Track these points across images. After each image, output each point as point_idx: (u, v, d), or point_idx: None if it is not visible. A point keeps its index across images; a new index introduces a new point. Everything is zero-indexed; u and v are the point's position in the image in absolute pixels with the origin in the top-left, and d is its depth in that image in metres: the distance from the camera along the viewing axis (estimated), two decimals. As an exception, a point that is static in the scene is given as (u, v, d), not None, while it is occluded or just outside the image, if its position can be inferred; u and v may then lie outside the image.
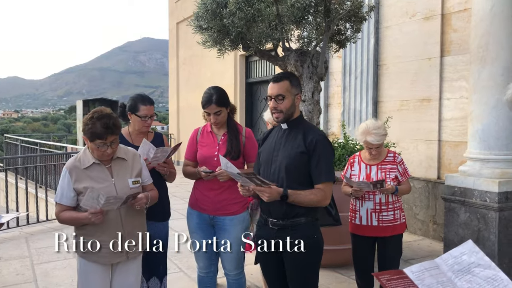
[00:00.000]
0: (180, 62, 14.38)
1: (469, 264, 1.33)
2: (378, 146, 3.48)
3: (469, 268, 1.33)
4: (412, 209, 6.26)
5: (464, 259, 1.35)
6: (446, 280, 1.32)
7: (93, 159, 2.69)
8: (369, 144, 3.47)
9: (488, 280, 1.27)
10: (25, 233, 6.39)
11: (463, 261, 1.34)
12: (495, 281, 1.27)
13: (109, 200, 2.51)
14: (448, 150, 5.88)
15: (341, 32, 5.26)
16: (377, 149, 3.50)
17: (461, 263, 1.34)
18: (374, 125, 3.47)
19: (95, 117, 2.60)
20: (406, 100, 6.41)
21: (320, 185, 2.54)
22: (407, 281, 1.32)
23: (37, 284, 4.49)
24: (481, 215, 4.48)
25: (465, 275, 1.31)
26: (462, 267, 1.33)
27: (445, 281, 1.31)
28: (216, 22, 4.47)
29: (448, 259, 1.37)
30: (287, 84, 2.60)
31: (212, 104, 3.04)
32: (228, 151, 3.04)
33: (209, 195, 3.12)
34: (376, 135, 3.43)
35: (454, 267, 1.34)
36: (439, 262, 1.38)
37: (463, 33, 5.61)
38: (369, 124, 3.50)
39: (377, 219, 3.49)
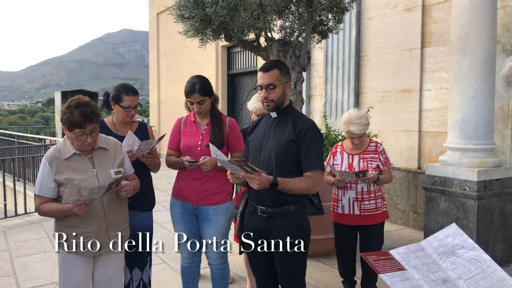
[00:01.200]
0: (161, 53, 14.22)
1: (453, 246, 1.36)
2: (360, 135, 3.51)
3: (453, 250, 1.35)
4: (393, 199, 6.34)
5: (448, 242, 1.37)
6: (431, 261, 1.34)
7: (74, 149, 2.63)
8: (352, 134, 3.49)
9: (472, 261, 1.31)
10: (3, 227, 6.26)
11: (447, 244, 1.37)
12: (478, 261, 1.30)
13: (92, 191, 2.46)
14: (429, 141, 5.96)
15: (323, 22, 5.27)
16: (359, 139, 3.53)
17: (446, 245, 1.37)
18: (357, 114, 3.49)
19: (73, 106, 2.54)
20: (387, 91, 6.46)
21: (310, 172, 2.55)
22: (394, 261, 1.34)
23: (16, 277, 4.41)
24: (461, 204, 4.56)
25: (449, 256, 1.34)
26: (447, 249, 1.36)
27: (430, 263, 1.34)
28: (199, 11, 4.42)
29: (433, 242, 1.40)
30: (277, 73, 2.60)
31: (196, 93, 3.01)
32: (211, 141, 3.02)
33: (192, 184, 3.10)
34: (359, 125, 3.45)
35: (438, 249, 1.37)
36: (424, 245, 1.41)
37: (444, 24, 5.67)
38: (352, 114, 3.52)
39: (359, 208, 3.52)
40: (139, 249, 3.14)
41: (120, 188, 2.63)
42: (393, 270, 1.31)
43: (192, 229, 3.17)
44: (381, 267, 1.32)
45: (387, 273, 1.30)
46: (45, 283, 4.23)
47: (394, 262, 1.34)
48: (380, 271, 1.31)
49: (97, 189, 2.48)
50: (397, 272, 1.31)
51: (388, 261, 1.34)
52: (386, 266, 1.32)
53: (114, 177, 2.66)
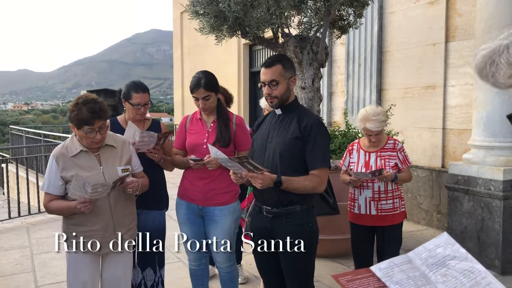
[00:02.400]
0: (185, 52, 14.28)
1: (444, 257, 1.23)
2: (377, 133, 3.37)
3: (444, 261, 1.22)
4: (416, 198, 6.16)
5: (439, 252, 1.24)
6: (419, 274, 1.21)
7: (81, 146, 2.62)
8: (368, 131, 3.37)
9: (465, 273, 1.17)
10: (27, 223, 6.39)
11: (438, 254, 1.24)
12: (472, 273, 1.17)
13: (96, 189, 2.43)
14: (453, 138, 5.75)
15: (343, 17, 5.13)
16: (376, 136, 3.40)
17: (436, 256, 1.24)
18: (373, 111, 3.36)
19: (80, 103, 2.53)
20: (410, 87, 6.28)
21: (315, 171, 2.45)
22: (372, 279, 1.21)
23: (35, 274, 4.47)
24: (485, 204, 4.37)
25: (440, 268, 1.21)
26: (437, 260, 1.23)
27: (417, 276, 1.20)
28: (212, 7, 4.36)
29: (421, 253, 1.26)
30: (279, 68, 2.51)
31: (200, 88, 2.93)
32: (218, 139, 2.95)
33: (198, 184, 3.02)
34: (376, 122, 3.32)
35: (428, 261, 1.23)
36: (412, 256, 1.28)
37: (468, 17, 5.46)
38: (369, 110, 3.40)
39: (375, 208, 3.40)
40: (141, 249, 3.08)
41: (126, 185, 2.59)
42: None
43: (198, 231, 3.09)
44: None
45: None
46: (62, 280, 4.26)
47: (373, 280, 1.20)
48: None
49: (101, 187, 2.44)
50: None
51: (365, 280, 1.20)
52: (361, 286, 1.19)
53: (121, 175, 2.63)
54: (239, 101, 11.00)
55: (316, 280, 3.04)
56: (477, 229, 4.46)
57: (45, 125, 33.74)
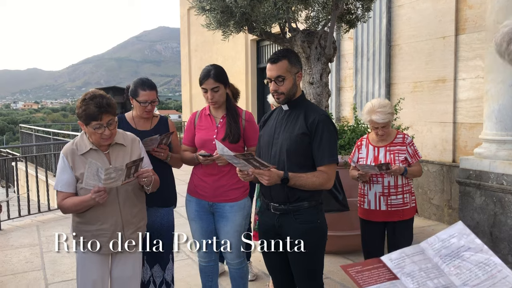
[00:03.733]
0: (192, 49, 14.26)
1: (458, 248, 1.16)
2: (384, 125, 3.32)
3: (458, 252, 1.16)
4: (427, 193, 6.09)
5: (453, 243, 1.18)
6: (431, 266, 1.15)
7: (90, 144, 2.60)
8: (375, 124, 3.31)
9: (480, 265, 1.11)
10: (37, 221, 6.42)
11: (452, 245, 1.17)
12: (487, 265, 1.11)
13: (110, 174, 2.37)
14: (464, 132, 5.67)
15: (350, 11, 5.07)
16: (383, 129, 3.34)
17: (449, 247, 1.17)
18: (379, 103, 3.32)
19: (88, 98, 2.51)
20: (420, 81, 6.20)
21: (323, 167, 2.42)
22: (383, 271, 1.15)
23: (45, 272, 4.48)
24: (498, 199, 4.30)
25: (453, 260, 1.15)
26: (451, 251, 1.17)
27: (430, 268, 1.14)
28: (219, 3, 4.32)
29: (434, 243, 1.20)
30: (286, 63, 2.47)
31: (210, 79, 2.91)
32: (227, 134, 2.92)
33: (208, 180, 3.00)
34: (381, 114, 3.27)
35: (441, 252, 1.17)
36: (424, 246, 1.21)
37: (479, 9, 5.36)
38: (374, 102, 3.36)
39: (385, 203, 3.35)
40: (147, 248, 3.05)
41: (141, 174, 2.55)
42: (380, 281, 1.12)
43: (208, 227, 3.08)
44: (365, 280, 1.12)
45: (371, 286, 1.11)
46: (71, 278, 4.26)
47: (384, 270, 1.15)
48: (362, 285, 1.12)
49: (114, 171, 2.38)
50: (384, 283, 1.11)
51: (375, 271, 1.15)
52: (371, 278, 1.13)
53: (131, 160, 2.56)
54: (247, 97, 10.96)
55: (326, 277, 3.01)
56: (489, 224, 4.40)
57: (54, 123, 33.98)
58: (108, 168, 2.37)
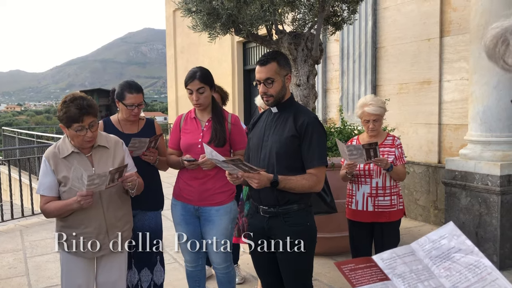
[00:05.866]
0: (178, 51, 14.19)
1: (448, 249, 1.15)
2: (375, 118, 3.32)
3: (448, 253, 1.14)
4: (413, 194, 6.13)
5: (443, 244, 1.16)
6: (422, 267, 1.14)
7: (72, 147, 2.56)
8: (367, 116, 3.32)
9: (470, 267, 1.10)
10: (20, 226, 6.31)
11: (442, 246, 1.16)
12: (477, 268, 1.10)
13: (93, 180, 2.35)
14: (449, 134, 5.73)
15: (337, 13, 5.09)
16: (374, 123, 3.34)
17: (440, 248, 1.16)
18: (372, 97, 3.43)
19: (68, 100, 2.47)
20: (406, 83, 6.24)
21: (312, 169, 2.41)
22: (375, 270, 1.14)
23: (29, 277, 4.40)
24: (483, 199, 4.35)
25: (443, 261, 1.14)
26: (441, 252, 1.15)
27: (420, 269, 1.13)
28: (205, 5, 4.30)
29: (425, 244, 1.19)
30: (275, 66, 2.47)
31: (195, 80, 2.89)
32: (212, 138, 2.90)
33: (193, 184, 2.97)
34: (374, 106, 3.30)
35: (431, 253, 1.16)
36: (415, 247, 1.20)
37: (463, 12, 5.43)
38: (367, 96, 3.47)
39: (372, 204, 3.36)
40: (139, 249, 3.04)
41: (125, 179, 2.53)
42: (372, 282, 1.11)
43: (194, 231, 3.04)
44: (358, 279, 1.12)
45: (364, 286, 1.10)
46: (56, 283, 4.20)
47: (376, 270, 1.14)
48: (355, 284, 1.11)
49: (97, 178, 2.36)
50: (377, 283, 1.10)
51: (368, 270, 1.14)
52: (364, 277, 1.12)
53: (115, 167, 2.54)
54: (233, 99, 10.93)
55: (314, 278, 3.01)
56: (474, 225, 4.44)
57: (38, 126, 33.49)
58: (92, 175, 2.35)
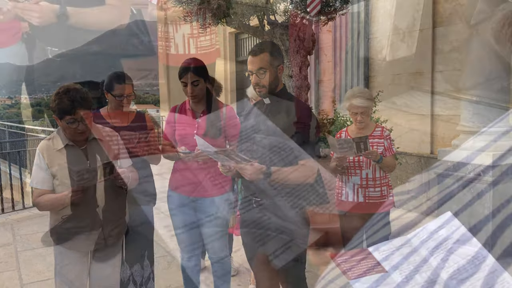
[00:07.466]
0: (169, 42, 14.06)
1: (446, 239, 1.12)
2: (363, 110, 3.29)
3: (446, 244, 1.11)
4: (405, 185, 6.15)
5: (441, 234, 1.13)
6: (419, 259, 1.11)
7: (66, 140, 2.53)
8: (355, 108, 3.29)
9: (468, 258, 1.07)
10: (11, 220, 6.24)
11: (440, 236, 1.13)
12: (475, 259, 1.07)
13: (83, 175, 2.34)
14: (441, 124, 5.73)
15: (329, 4, 5.05)
16: (362, 115, 3.31)
17: (437, 239, 1.13)
18: (359, 89, 3.40)
19: (61, 92, 2.43)
20: (398, 74, 6.23)
21: (305, 161, 2.38)
22: (371, 262, 1.11)
23: (20, 272, 4.36)
24: (475, 190, 4.36)
25: (441, 252, 1.10)
26: (438, 243, 1.12)
27: (418, 261, 1.10)
28: (196, -5, 4.25)
29: (422, 235, 1.15)
30: (267, 56, 2.43)
31: (189, 73, 2.84)
32: (208, 130, 2.87)
33: (189, 175, 2.94)
34: (362, 98, 3.26)
35: (429, 243, 1.12)
36: (412, 238, 1.16)
37: (456, 2, 5.41)
38: (355, 89, 3.42)
39: (363, 195, 3.35)
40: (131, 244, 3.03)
41: (117, 176, 2.51)
42: (369, 274, 1.07)
43: (190, 222, 3.02)
44: (354, 271, 1.08)
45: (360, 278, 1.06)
46: (48, 278, 4.16)
47: (373, 262, 1.11)
48: (351, 276, 1.07)
49: (87, 173, 2.36)
50: (373, 275, 1.07)
51: (363, 262, 1.11)
52: (360, 269, 1.09)
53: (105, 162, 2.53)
54: (225, 90, 10.88)
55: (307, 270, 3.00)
56: (467, 215, 4.45)
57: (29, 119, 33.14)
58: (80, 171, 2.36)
